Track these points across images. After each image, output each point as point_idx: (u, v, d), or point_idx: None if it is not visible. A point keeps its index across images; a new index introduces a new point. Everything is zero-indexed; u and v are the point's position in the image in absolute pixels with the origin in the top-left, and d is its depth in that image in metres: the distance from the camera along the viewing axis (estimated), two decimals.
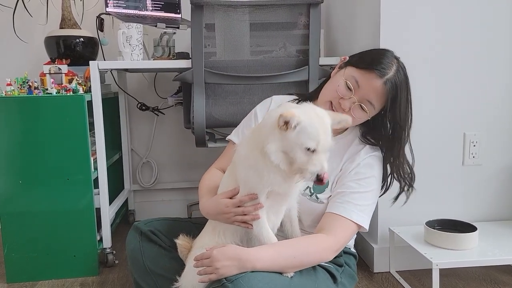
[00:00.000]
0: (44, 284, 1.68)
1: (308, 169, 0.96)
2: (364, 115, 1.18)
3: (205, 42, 1.69)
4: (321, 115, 0.98)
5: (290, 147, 0.96)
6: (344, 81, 1.17)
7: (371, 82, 1.14)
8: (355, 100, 1.16)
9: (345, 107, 1.16)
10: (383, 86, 1.14)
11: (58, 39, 1.98)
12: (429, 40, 1.64)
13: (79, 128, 1.66)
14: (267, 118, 1.02)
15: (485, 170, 1.73)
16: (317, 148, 0.95)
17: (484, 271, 1.68)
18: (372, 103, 1.16)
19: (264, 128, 1.00)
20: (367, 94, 1.15)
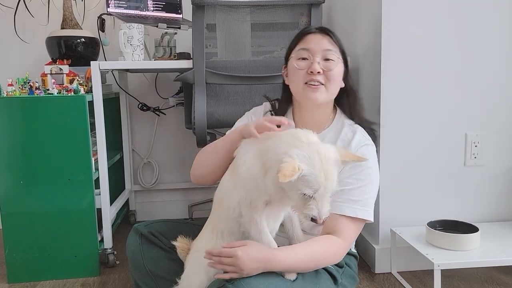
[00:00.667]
0: (45, 284, 1.68)
1: (303, 212, 0.94)
2: (337, 64, 1.20)
3: (206, 42, 1.69)
4: (325, 159, 0.93)
5: (288, 189, 0.94)
6: (296, 58, 1.21)
7: (312, 39, 1.21)
8: (317, 58, 1.19)
9: (316, 70, 1.17)
10: (322, 33, 1.21)
11: (59, 39, 1.98)
12: (430, 40, 1.64)
13: (80, 128, 1.66)
14: (273, 149, 0.98)
15: (487, 171, 1.73)
16: (314, 195, 0.92)
17: (486, 272, 1.67)
18: (330, 49, 1.20)
19: (269, 159, 0.97)
20: (319, 45, 1.19)
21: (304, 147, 0.94)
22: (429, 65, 1.65)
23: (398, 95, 1.65)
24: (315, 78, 1.18)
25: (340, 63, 1.22)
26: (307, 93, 1.20)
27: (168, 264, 1.25)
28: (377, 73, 1.65)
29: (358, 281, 1.32)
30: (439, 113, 1.68)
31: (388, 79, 1.64)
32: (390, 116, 1.66)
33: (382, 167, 1.67)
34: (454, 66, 1.66)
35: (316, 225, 1.24)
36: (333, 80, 1.20)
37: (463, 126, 1.70)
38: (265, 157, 0.99)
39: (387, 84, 1.64)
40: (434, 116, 1.68)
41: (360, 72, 1.84)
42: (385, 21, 1.61)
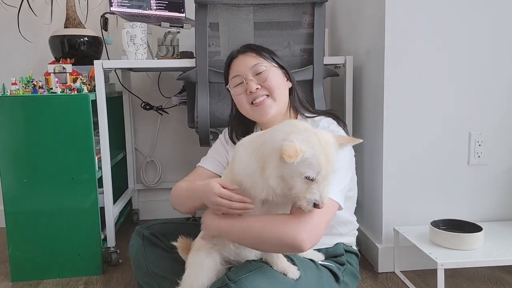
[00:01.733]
0: (48, 282, 1.68)
1: (306, 197, 0.93)
2: (269, 72, 1.22)
3: (209, 41, 1.69)
4: (324, 142, 0.94)
5: (289, 175, 0.94)
6: (233, 87, 1.26)
7: (238, 63, 1.25)
8: (249, 77, 1.21)
9: (253, 88, 1.21)
10: (243, 54, 1.25)
11: (62, 38, 1.99)
12: (434, 39, 1.63)
13: (84, 127, 1.66)
14: (270, 139, 0.98)
15: (491, 170, 1.72)
16: (317, 177, 0.93)
17: (490, 272, 1.67)
18: (256, 63, 1.22)
19: (267, 149, 0.97)
20: (245, 66, 1.23)
21: (302, 132, 0.95)
22: (432, 64, 1.64)
23: (401, 94, 1.64)
24: (255, 95, 1.22)
25: (271, 68, 1.24)
26: (256, 113, 1.24)
27: (171, 265, 1.25)
28: (380, 72, 1.65)
29: (360, 279, 1.31)
30: (442, 112, 1.67)
31: (391, 78, 1.63)
32: (393, 115, 1.65)
33: (385, 166, 1.67)
34: (457, 65, 1.65)
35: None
36: (274, 87, 1.23)
37: (466, 125, 1.69)
38: (262, 150, 0.99)
39: (390, 83, 1.63)
40: (437, 115, 1.67)
41: (363, 71, 1.84)
42: (389, 20, 1.61)
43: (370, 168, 1.80)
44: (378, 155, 1.70)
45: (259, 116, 1.25)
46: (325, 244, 1.28)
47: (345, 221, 1.31)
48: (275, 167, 0.94)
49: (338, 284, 1.20)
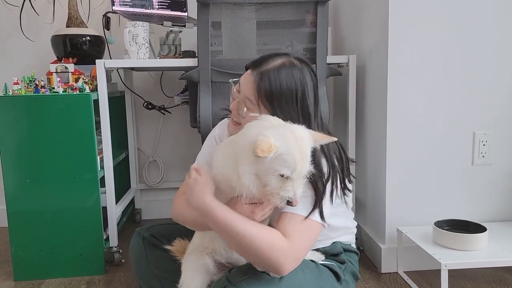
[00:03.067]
0: (51, 282, 1.68)
1: (279, 194, 0.91)
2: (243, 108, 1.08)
3: (211, 40, 1.68)
4: (300, 138, 0.91)
5: (263, 172, 0.91)
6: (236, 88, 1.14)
7: (245, 77, 1.10)
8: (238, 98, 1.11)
9: (233, 109, 1.12)
10: (251, 74, 1.08)
11: (64, 37, 1.99)
12: (438, 38, 1.62)
13: (86, 127, 1.66)
14: (242, 136, 0.96)
15: (495, 170, 1.71)
16: (291, 175, 0.90)
17: (494, 272, 1.66)
18: (246, 96, 1.08)
19: (239, 147, 0.95)
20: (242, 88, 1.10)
21: (277, 128, 0.93)
22: (436, 63, 1.63)
23: (405, 93, 1.63)
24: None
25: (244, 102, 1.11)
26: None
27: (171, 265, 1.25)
28: (384, 71, 1.64)
29: (359, 277, 1.31)
30: (446, 111, 1.66)
31: (394, 77, 1.62)
32: (396, 115, 1.64)
33: (388, 166, 1.66)
34: (462, 65, 1.64)
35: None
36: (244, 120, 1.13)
37: (471, 124, 1.68)
38: (236, 147, 0.97)
39: (394, 82, 1.62)
40: (441, 115, 1.66)
41: (367, 69, 1.83)
42: (392, 19, 1.59)
43: (373, 168, 1.79)
44: (382, 155, 1.69)
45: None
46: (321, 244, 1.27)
47: (340, 228, 1.27)
48: (249, 163, 0.91)
49: (339, 283, 1.20)
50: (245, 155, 0.92)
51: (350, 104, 1.84)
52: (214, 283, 1.06)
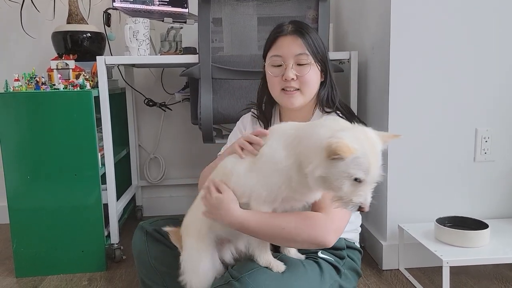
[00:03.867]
0: (52, 279, 1.69)
1: (352, 200, 0.88)
2: (311, 68, 1.20)
3: (212, 37, 1.68)
4: (372, 141, 0.89)
5: (335, 176, 0.86)
6: (270, 65, 1.23)
7: (284, 43, 1.20)
8: (290, 65, 1.19)
9: (289, 77, 1.18)
10: (293, 35, 1.19)
11: (65, 34, 1.98)
12: (441, 34, 1.61)
13: (87, 123, 1.65)
14: (312, 134, 0.92)
15: (497, 167, 1.70)
16: (366, 179, 0.87)
17: (495, 269, 1.65)
18: (302, 53, 1.19)
19: (308, 147, 0.91)
20: (290, 51, 1.19)
21: (349, 130, 0.89)
22: (439, 59, 1.62)
23: (407, 88, 1.63)
24: (289, 85, 1.20)
25: (313, 65, 1.21)
26: (283, 99, 1.23)
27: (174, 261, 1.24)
28: (386, 67, 1.63)
29: (362, 274, 1.31)
30: (449, 107, 1.65)
31: (397, 72, 1.61)
32: (398, 110, 1.63)
33: (390, 162, 1.65)
34: (465, 60, 1.63)
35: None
36: (308, 84, 1.21)
37: (473, 121, 1.67)
38: (300, 147, 0.93)
39: (396, 77, 1.62)
40: (443, 111, 1.65)
41: (369, 65, 1.82)
42: (394, 14, 1.58)
43: None
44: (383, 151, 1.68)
45: (284, 103, 1.24)
46: None
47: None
48: (319, 166, 0.87)
49: (339, 276, 1.20)
50: (315, 158, 0.88)
51: (351, 100, 1.83)
52: (218, 279, 1.06)
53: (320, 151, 0.86)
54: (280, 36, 1.22)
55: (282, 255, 1.14)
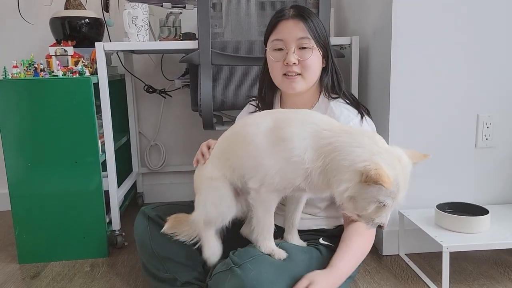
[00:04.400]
0: (55, 265, 1.70)
1: (374, 221, 0.92)
2: (312, 52, 1.19)
3: (212, 22, 1.66)
4: (405, 166, 0.91)
5: (363, 197, 0.89)
6: (272, 49, 1.22)
7: (285, 27, 1.19)
8: (292, 49, 1.18)
9: (291, 61, 1.18)
10: (295, 19, 1.19)
11: (63, 20, 1.96)
12: (443, 19, 1.59)
13: (86, 110, 1.65)
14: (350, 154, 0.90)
15: (498, 153, 1.70)
16: (391, 204, 0.90)
17: (495, 255, 1.66)
18: (304, 37, 1.18)
19: (341, 164, 0.91)
20: (292, 35, 1.18)
21: (385, 154, 0.90)
22: (441, 45, 1.60)
23: (409, 75, 1.61)
24: (291, 70, 1.19)
25: (315, 49, 1.20)
26: (285, 84, 1.22)
27: (175, 246, 1.26)
28: (387, 53, 1.61)
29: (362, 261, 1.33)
30: (450, 93, 1.64)
31: (398, 59, 1.60)
32: (400, 96, 1.62)
33: None
34: (467, 47, 1.61)
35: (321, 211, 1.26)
36: (309, 69, 1.20)
37: (475, 107, 1.66)
38: (331, 159, 0.93)
39: (397, 64, 1.60)
40: (445, 97, 1.64)
41: (370, 52, 1.80)
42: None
43: None
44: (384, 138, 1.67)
45: (285, 89, 1.24)
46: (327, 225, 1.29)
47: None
48: (351, 187, 0.89)
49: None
50: (348, 178, 0.89)
51: (352, 86, 1.82)
52: (219, 265, 1.07)
53: (355, 173, 0.88)
54: (281, 20, 1.20)
55: (283, 243, 1.14)
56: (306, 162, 0.95)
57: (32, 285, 1.54)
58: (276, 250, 1.07)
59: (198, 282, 1.23)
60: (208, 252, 1.13)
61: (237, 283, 0.98)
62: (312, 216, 1.28)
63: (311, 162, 0.95)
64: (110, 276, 1.60)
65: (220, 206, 1.09)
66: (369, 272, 1.57)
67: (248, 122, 1.11)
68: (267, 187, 1.01)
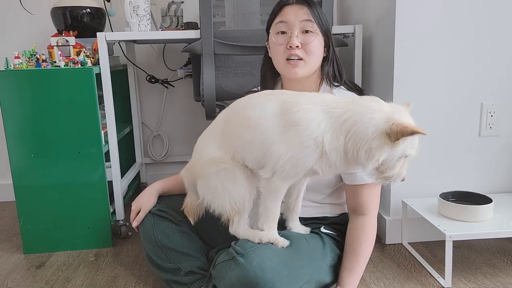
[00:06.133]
0: (59, 255, 1.72)
1: (402, 174, 0.96)
2: (316, 37, 1.19)
3: (214, 11, 1.65)
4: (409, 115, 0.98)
5: (395, 156, 0.93)
6: (275, 33, 1.21)
7: (289, 11, 1.19)
8: (296, 32, 1.18)
9: (294, 44, 1.17)
10: (299, 4, 1.19)
11: (64, 10, 1.95)
12: (446, 8, 1.57)
13: (89, 101, 1.64)
14: (370, 121, 0.92)
15: (502, 141, 1.69)
16: (413, 154, 0.95)
17: (498, 243, 1.67)
18: (307, 20, 1.18)
19: (363, 133, 0.91)
20: (296, 18, 1.18)
21: (396, 109, 0.95)
22: (444, 33, 1.59)
23: (412, 63, 1.60)
24: (294, 53, 1.18)
25: (318, 34, 1.20)
26: (287, 68, 1.21)
27: (178, 237, 1.27)
28: (391, 42, 1.60)
29: None
30: (454, 82, 1.63)
31: (402, 47, 1.58)
32: (403, 85, 1.61)
33: None
34: (471, 34, 1.60)
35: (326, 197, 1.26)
36: (312, 53, 1.20)
37: (479, 95, 1.65)
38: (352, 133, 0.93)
39: (401, 52, 1.59)
40: (449, 85, 1.63)
41: (373, 40, 1.79)
42: None
43: None
44: None
45: (287, 73, 1.23)
46: (330, 213, 1.29)
47: None
48: (383, 151, 0.91)
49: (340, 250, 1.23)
50: (376, 143, 0.91)
51: (355, 75, 1.81)
52: (222, 255, 1.07)
53: (382, 136, 0.90)
54: (286, 5, 1.21)
55: (286, 231, 1.15)
56: (326, 144, 0.94)
57: (37, 275, 1.56)
58: (279, 238, 1.08)
59: (202, 272, 1.24)
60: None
61: (240, 272, 0.99)
62: (316, 204, 1.28)
63: (331, 143, 0.94)
64: (114, 265, 1.61)
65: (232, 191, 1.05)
66: (372, 261, 1.58)
67: (251, 103, 1.06)
68: (278, 175, 1.00)
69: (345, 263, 1.19)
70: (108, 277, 1.53)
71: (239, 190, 1.05)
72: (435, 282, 1.42)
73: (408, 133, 0.88)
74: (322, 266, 1.14)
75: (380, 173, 0.95)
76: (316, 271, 1.11)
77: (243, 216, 1.09)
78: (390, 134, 0.89)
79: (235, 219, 1.08)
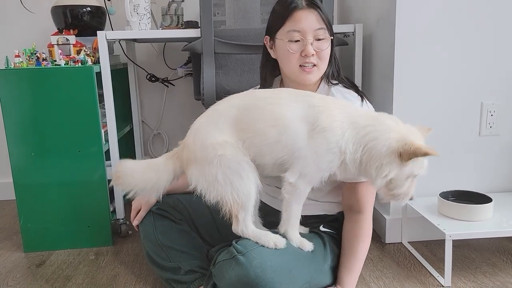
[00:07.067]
0: (60, 253, 1.72)
1: (409, 194, 0.99)
2: (327, 42, 1.21)
3: (214, 10, 1.64)
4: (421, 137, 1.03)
5: (403, 175, 0.97)
6: (287, 40, 1.18)
7: (301, 17, 1.17)
8: (310, 40, 1.17)
9: (310, 53, 1.17)
10: (309, 9, 1.18)
11: (64, 8, 1.95)
12: (447, 7, 1.57)
13: (89, 100, 1.64)
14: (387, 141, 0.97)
15: (502, 141, 1.69)
16: (421, 174, 0.98)
17: (498, 242, 1.67)
18: (320, 28, 1.18)
19: (379, 150, 0.97)
20: (310, 26, 1.17)
21: (410, 131, 1.00)
22: (445, 32, 1.59)
23: (412, 63, 1.60)
24: (309, 61, 1.18)
25: (328, 39, 1.21)
26: (301, 75, 1.21)
27: (178, 235, 1.27)
28: (391, 41, 1.60)
29: None
30: (454, 81, 1.63)
31: (402, 46, 1.58)
32: (403, 85, 1.61)
33: None
34: (471, 34, 1.60)
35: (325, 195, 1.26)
36: (325, 59, 1.21)
37: (479, 94, 1.65)
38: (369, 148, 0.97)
39: (401, 52, 1.59)
40: (449, 85, 1.63)
41: (373, 40, 1.79)
42: None
43: None
44: None
45: (301, 80, 1.22)
46: (329, 211, 1.29)
47: None
48: (392, 169, 0.96)
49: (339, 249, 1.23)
50: (387, 161, 0.96)
51: (356, 74, 1.81)
52: (223, 253, 1.08)
53: (393, 155, 0.95)
54: (296, 10, 1.18)
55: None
56: (348, 153, 0.99)
57: (37, 273, 1.56)
58: (304, 242, 1.11)
59: (202, 270, 1.24)
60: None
61: (241, 271, 0.99)
62: (315, 202, 1.28)
63: (352, 153, 0.99)
64: (114, 264, 1.62)
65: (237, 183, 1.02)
66: (372, 260, 1.58)
67: (277, 101, 1.04)
68: (304, 178, 1.02)
69: (343, 262, 1.20)
70: (108, 275, 1.53)
71: (245, 182, 1.01)
72: (434, 281, 1.42)
73: (421, 154, 0.93)
74: (323, 268, 1.15)
75: (389, 190, 0.99)
76: (316, 273, 1.12)
77: (249, 212, 1.03)
78: (402, 154, 0.93)
79: (239, 216, 1.02)
